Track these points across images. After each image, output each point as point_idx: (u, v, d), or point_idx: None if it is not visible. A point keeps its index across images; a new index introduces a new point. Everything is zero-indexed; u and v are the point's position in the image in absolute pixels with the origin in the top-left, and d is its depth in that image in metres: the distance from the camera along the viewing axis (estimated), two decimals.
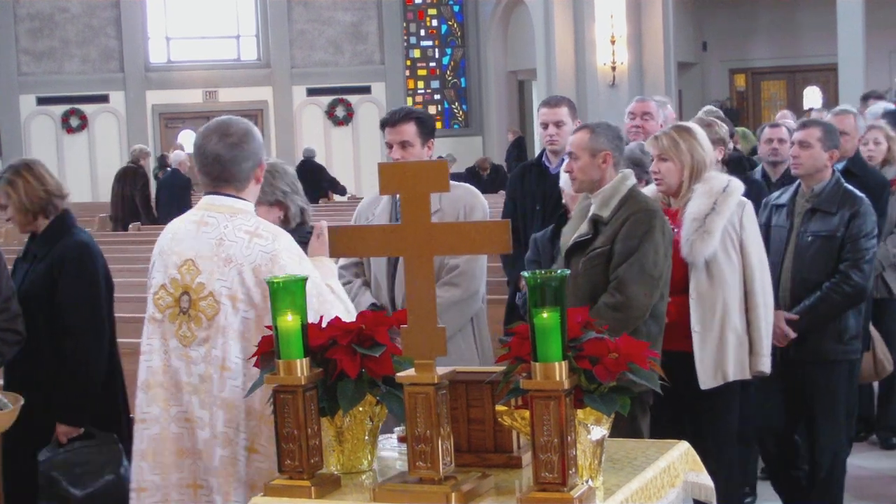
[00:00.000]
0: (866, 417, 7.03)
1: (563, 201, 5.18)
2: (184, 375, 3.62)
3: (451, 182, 4.71)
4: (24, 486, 4.62)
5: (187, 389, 3.62)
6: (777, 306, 5.14)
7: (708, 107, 8.41)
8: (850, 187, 5.29)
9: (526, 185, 6.07)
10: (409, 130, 4.79)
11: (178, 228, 3.73)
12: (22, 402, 4.09)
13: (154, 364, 3.67)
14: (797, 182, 5.34)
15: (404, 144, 4.79)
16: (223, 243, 3.59)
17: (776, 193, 5.43)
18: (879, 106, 8.33)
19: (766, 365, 4.78)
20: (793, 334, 5.13)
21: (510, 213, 6.02)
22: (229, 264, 3.57)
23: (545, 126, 6.00)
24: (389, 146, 4.84)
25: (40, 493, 4.62)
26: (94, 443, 4.65)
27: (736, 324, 4.70)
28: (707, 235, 4.63)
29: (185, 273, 3.62)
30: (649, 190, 4.90)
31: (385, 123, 4.86)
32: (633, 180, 4.62)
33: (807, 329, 5.14)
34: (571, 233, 4.63)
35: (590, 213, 4.57)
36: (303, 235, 4.24)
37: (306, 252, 3.74)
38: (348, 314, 3.57)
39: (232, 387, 3.55)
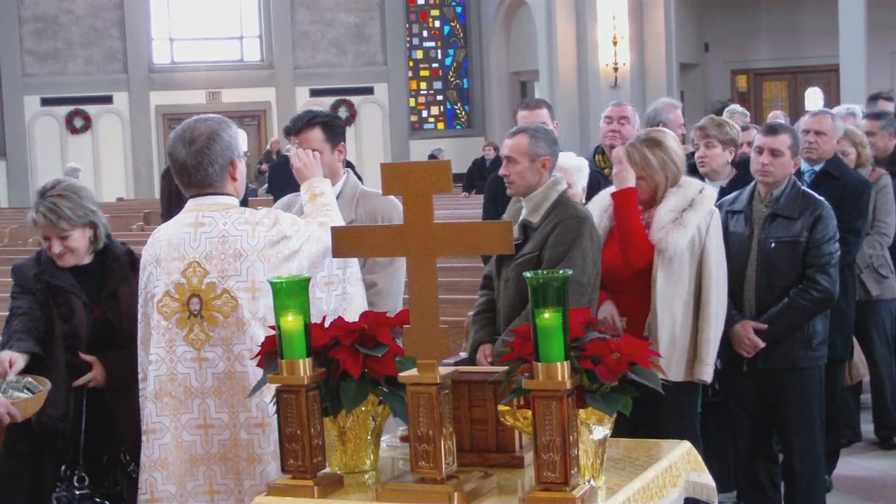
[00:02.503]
0: (853, 425, 6.96)
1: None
2: (194, 381, 3.62)
3: (368, 190, 4.61)
4: None
5: (199, 394, 3.62)
6: (742, 315, 5.08)
7: (732, 105, 8.38)
8: (808, 191, 5.20)
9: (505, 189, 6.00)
10: (315, 137, 4.49)
11: (172, 234, 3.71)
12: (49, 385, 4.11)
13: (161, 373, 3.66)
14: (753, 185, 5.23)
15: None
16: (227, 239, 3.61)
17: (728, 198, 5.31)
18: (843, 107, 8.17)
19: (707, 374, 4.69)
20: (761, 344, 5.02)
21: (492, 217, 5.79)
22: (240, 258, 3.59)
23: None
24: None
25: None
26: None
27: (679, 322, 4.64)
28: (682, 228, 4.60)
29: (192, 276, 3.62)
30: (607, 192, 4.84)
31: (288, 133, 4.59)
32: (563, 185, 4.64)
33: (776, 337, 5.04)
34: None
35: (521, 218, 4.59)
36: (119, 244, 4.38)
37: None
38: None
39: None
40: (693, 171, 5.90)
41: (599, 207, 4.86)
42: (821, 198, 5.16)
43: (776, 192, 5.13)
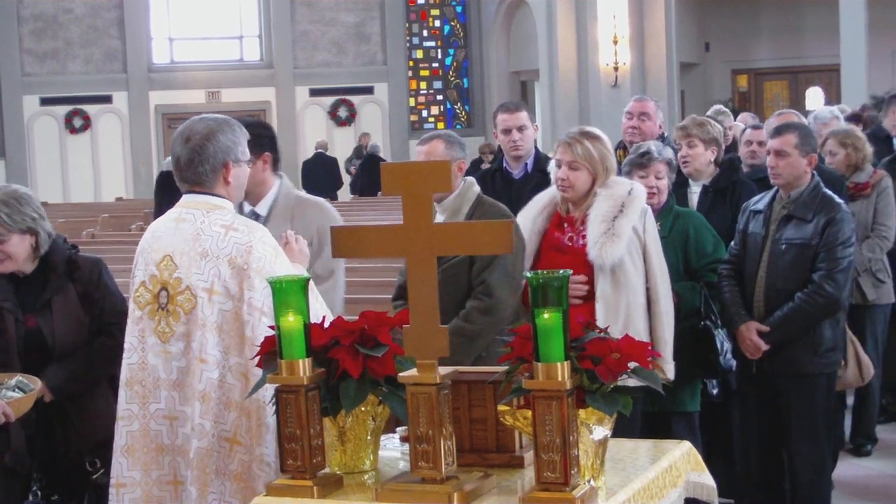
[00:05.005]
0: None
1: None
2: (162, 372, 3.66)
3: (303, 196, 4.55)
4: None
5: (166, 386, 3.65)
6: (751, 316, 5.06)
7: (717, 106, 8.34)
8: (829, 193, 5.10)
9: (489, 193, 5.82)
10: None
11: (158, 226, 3.78)
12: (40, 384, 4.13)
13: (133, 361, 3.71)
14: (776, 187, 5.17)
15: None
16: (200, 238, 3.63)
17: (755, 199, 5.28)
18: (827, 110, 8.11)
19: (670, 371, 4.62)
20: (764, 346, 5.00)
21: None
22: (205, 258, 3.60)
23: (508, 132, 5.87)
24: None
25: None
26: None
27: (639, 328, 4.55)
28: (616, 238, 4.52)
29: (164, 269, 3.67)
30: (551, 192, 4.78)
31: None
32: (477, 187, 4.68)
33: (780, 341, 5.00)
34: None
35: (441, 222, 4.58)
36: (63, 252, 4.32)
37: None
38: (323, 311, 3.61)
39: (208, 378, 3.57)
40: (679, 170, 5.91)
41: (535, 209, 4.80)
42: (839, 201, 5.09)
43: (794, 194, 5.08)
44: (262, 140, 4.50)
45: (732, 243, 5.26)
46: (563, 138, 4.72)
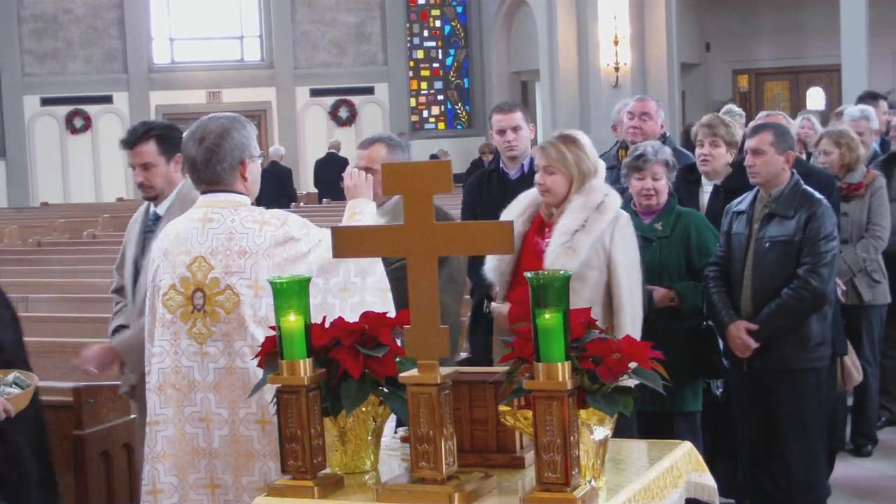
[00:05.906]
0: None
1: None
2: (197, 374, 3.65)
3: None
4: None
5: (201, 388, 3.65)
6: (739, 316, 5.06)
7: (729, 106, 8.32)
8: (809, 189, 5.14)
9: (486, 193, 5.90)
10: (149, 151, 4.60)
11: (181, 228, 3.76)
12: (37, 380, 4.12)
13: (165, 365, 3.70)
14: (757, 188, 5.19)
15: (146, 166, 4.62)
16: (234, 236, 3.65)
17: (737, 200, 5.28)
18: (857, 109, 8.10)
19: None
20: (754, 344, 5.01)
21: (469, 220, 5.67)
22: (244, 256, 3.63)
23: (502, 132, 5.83)
24: (133, 168, 4.68)
25: None
26: None
27: None
28: (572, 252, 4.46)
29: (197, 270, 3.67)
30: (533, 193, 4.72)
31: (124, 146, 4.68)
32: None
33: (769, 338, 5.02)
34: None
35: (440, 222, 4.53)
36: None
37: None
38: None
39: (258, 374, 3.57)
40: (693, 169, 5.90)
41: (517, 209, 4.74)
42: (820, 196, 5.13)
43: (775, 192, 5.11)
44: (175, 141, 4.52)
45: (718, 244, 5.26)
46: (540, 142, 4.69)
